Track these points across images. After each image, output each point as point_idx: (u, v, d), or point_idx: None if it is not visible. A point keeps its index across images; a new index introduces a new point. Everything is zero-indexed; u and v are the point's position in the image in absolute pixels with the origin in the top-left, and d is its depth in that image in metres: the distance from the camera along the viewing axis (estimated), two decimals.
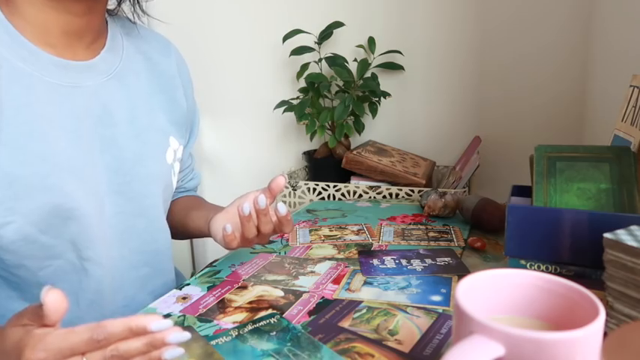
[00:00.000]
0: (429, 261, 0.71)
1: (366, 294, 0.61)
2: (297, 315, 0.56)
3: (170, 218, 0.82)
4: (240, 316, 0.56)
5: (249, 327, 0.53)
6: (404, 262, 0.71)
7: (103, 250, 0.63)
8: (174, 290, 0.65)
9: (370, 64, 1.37)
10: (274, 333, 0.52)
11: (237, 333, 0.53)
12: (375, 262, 0.72)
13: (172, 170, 0.74)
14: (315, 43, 1.38)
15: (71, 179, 0.58)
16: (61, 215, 0.57)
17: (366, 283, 0.64)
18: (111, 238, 0.64)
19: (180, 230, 0.83)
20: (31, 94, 0.56)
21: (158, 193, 0.71)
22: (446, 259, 0.72)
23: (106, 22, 0.68)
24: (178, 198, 0.88)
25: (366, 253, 0.76)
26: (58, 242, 0.59)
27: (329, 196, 1.33)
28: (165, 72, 0.75)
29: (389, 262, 0.72)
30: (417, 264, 0.70)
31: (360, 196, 1.28)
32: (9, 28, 0.56)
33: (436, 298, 0.60)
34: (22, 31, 0.57)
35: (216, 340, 0.51)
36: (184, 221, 0.81)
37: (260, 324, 0.54)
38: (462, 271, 0.67)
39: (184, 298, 0.62)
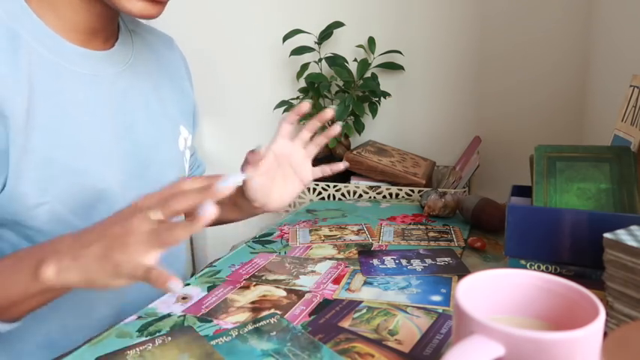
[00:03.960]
0: (429, 261, 0.71)
1: (366, 294, 0.61)
2: (300, 315, 0.56)
3: None
4: (243, 316, 0.56)
5: (250, 327, 0.53)
6: (404, 262, 0.71)
7: None
8: None
9: (370, 64, 1.37)
10: (274, 333, 0.52)
11: (237, 333, 0.53)
12: (375, 262, 0.72)
13: (184, 157, 0.78)
14: (315, 43, 1.39)
15: (99, 162, 0.61)
16: (91, 197, 0.60)
17: (366, 283, 0.64)
18: None
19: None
20: (59, 82, 0.59)
21: (174, 178, 0.73)
22: (446, 259, 0.72)
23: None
24: None
25: (366, 253, 0.76)
26: (87, 224, 0.60)
27: (329, 196, 1.33)
28: (171, 64, 0.79)
29: (389, 262, 0.72)
30: (416, 264, 0.70)
31: (360, 196, 1.28)
32: (33, 17, 0.58)
33: (436, 298, 0.60)
34: (48, 23, 0.59)
35: (216, 340, 0.51)
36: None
37: (260, 324, 0.54)
38: (462, 271, 0.68)
39: (184, 298, 0.62)
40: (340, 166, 0.77)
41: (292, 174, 0.76)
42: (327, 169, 0.77)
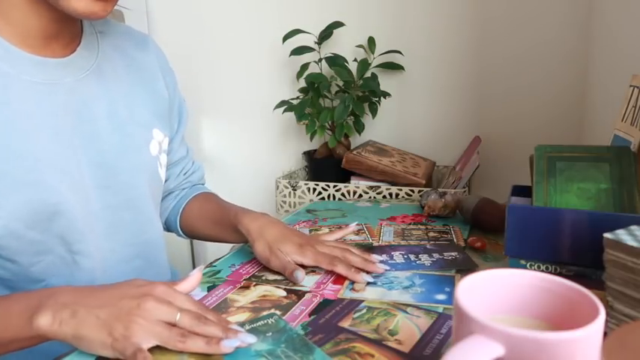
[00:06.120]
0: (436, 255, 0.72)
1: (370, 294, 0.61)
2: (300, 315, 0.56)
3: (195, 225, 0.85)
4: (243, 316, 0.56)
5: (247, 327, 0.53)
6: (412, 257, 0.72)
7: (92, 243, 0.64)
8: None
9: (370, 64, 1.37)
10: (270, 334, 0.52)
11: None
12: (384, 257, 0.72)
13: (158, 162, 0.75)
14: (315, 43, 1.39)
15: (54, 174, 0.59)
16: (46, 210, 0.58)
17: (370, 282, 0.64)
18: (100, 231, 0.65)
19: (208, 239, 0.86)
20: (8, 93, 0.56)
21: (144, 185, 0.71)
22: (453, 253, 0.73)
23: (81, 23, 0.68)
24: (196, 196, 0.88)
25: (374, 249, 0.76)
26: (46, 238, 0.59)
27: (329, 196, 1.33)
28: (143, 66, 0.75)
29: (397, 257, 0.72)
30: (425, 259, 0.71)
31: (360, 196, 1.28)
32: None
33: (440, 297, 0.60)
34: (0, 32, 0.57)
35: None
36: (216, 236, 0.83)
37: (257, 324, 0.54)
38: (470, 265, 0.69)
39: None
40: (351, 228, 0.80)
41: None
42: (336, 236, 0.78)
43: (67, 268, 0.62)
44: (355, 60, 1.40)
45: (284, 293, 0.62)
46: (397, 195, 1.24)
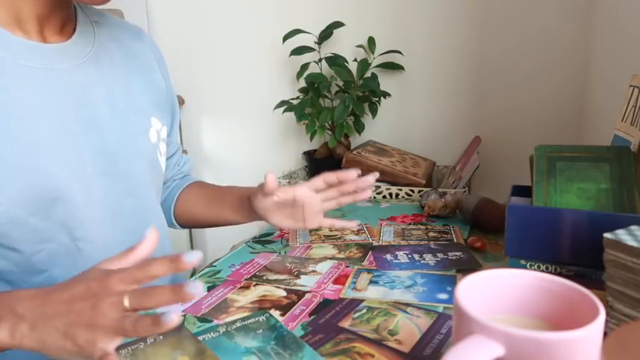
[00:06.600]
0: (440, 255, 0.72)
1: (373, 293, 0.61)
2: (300, 315, 0.56)
3: (192, 208, 0.86)
4: (243, 316, 0.56)
5: (238, 324, 0.54)
6: (416, 256, 0.72)
7: (95, 230, 0.64)
8: None
9: (370, 64, 1.37)
10: (260, 331, 0.52)
11: (225, 329, 0.53)
12: (389, 257, 0.72)
13: (158, 150, 0.75)
14: (315, 43, 1.38)
15: (54, 160, 0.58)
16: (47, 196, 0.58)
17: (371, 282, 0.65)
18: (102, 218, 0.65)
19: (207, 222, 0.87)
20: (5, 78, 0.56)
21: (144, 173, 0.72)
22: (457, 253, 0.73)
23: (75, 11, 0.68)
24: (190, 184, 0.89)
25: (377, 248, 0.77)
26: (48, 225, 0.59)
27: None
28: (139, 55, 0.76)
29: (402, 256, 0.73)
30: (429, 258, 0.71)
31: None
32: None
33: (442, 296, 0.60)
34: None
35: (204, 336, 0.52)
36: (216, 214, 0.84)
37: (249, 321, 0.55)
38: (474, 265, 0.69)
39: None
40: (353, 224, 0.77)
41: (300, 216, 0.75)
42: (336, 224, 0.77)
43: (70, 257, 0.62)
44: (355, 60, 1.40)
45: (284, 293, 0.62)
46: (397, 195, 1.24)
